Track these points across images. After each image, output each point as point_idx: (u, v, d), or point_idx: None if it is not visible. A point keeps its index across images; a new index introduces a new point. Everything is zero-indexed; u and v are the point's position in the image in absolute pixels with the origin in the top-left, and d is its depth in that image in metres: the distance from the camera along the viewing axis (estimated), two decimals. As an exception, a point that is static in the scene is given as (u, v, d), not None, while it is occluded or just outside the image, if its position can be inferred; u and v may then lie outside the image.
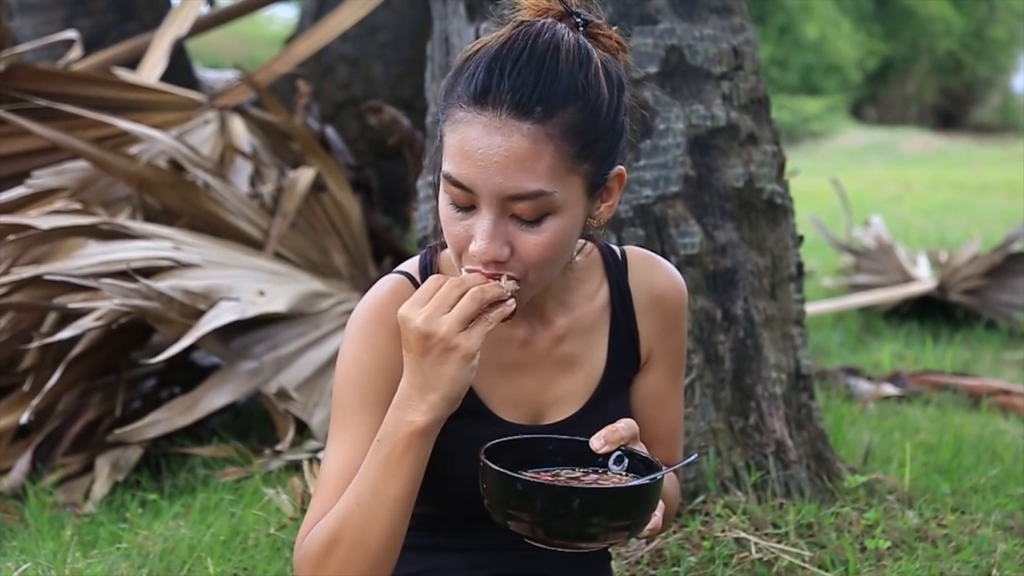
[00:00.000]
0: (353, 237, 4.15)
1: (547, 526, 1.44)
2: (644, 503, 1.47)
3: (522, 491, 1.44)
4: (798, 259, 3.02)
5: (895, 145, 21.60)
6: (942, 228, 9.98)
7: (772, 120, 3.02)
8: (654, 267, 1.79)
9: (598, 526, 1.44)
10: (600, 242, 1.79)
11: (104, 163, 3.69)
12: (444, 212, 1.57)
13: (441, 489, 1.68)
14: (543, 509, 1.43)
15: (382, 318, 1.63)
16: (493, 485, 1.47)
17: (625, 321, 1.76)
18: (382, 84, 5.76)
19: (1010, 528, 2.86)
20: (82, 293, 3.30)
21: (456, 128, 1.53)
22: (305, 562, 1.60)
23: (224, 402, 3.48)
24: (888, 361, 5.22)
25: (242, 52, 14.57)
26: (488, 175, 1.50)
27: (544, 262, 1.56)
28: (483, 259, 1.52)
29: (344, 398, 1.63)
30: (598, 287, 1.76)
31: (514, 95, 1.49)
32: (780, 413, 2.86)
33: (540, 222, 1.53)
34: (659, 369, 1.79)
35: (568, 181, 1.54)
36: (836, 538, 2.67)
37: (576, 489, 1.45)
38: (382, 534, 1.55)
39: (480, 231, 1.52)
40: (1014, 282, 6.13)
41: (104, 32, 4.85)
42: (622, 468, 1.54)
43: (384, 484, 1.53)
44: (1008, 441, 3.78)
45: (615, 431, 1.54)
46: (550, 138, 1.50)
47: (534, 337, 1.70)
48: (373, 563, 1.57)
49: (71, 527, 3.01)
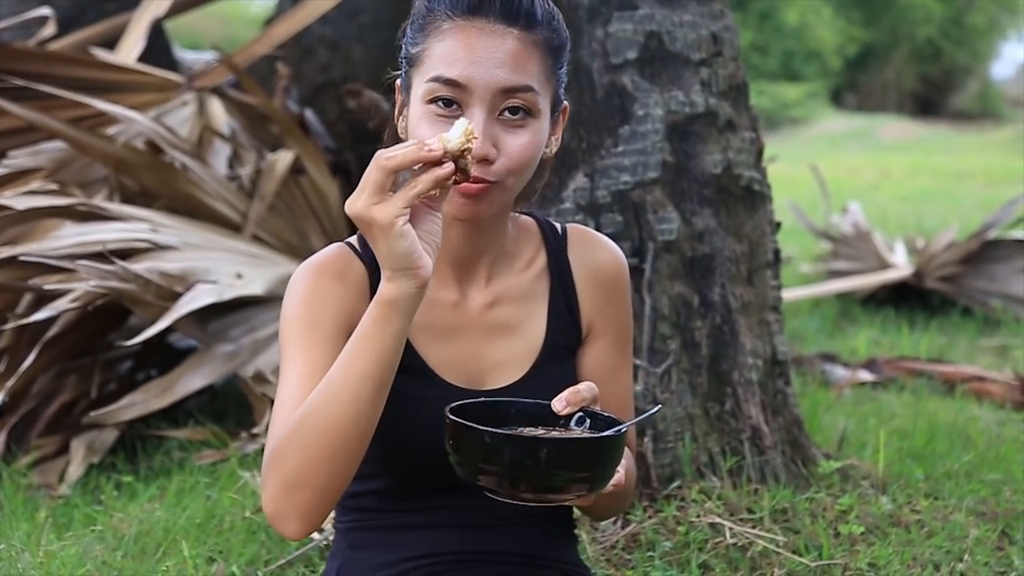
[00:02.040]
0: (332, 220, 4.14)
1: (514, 477, 1.45)
2: (609, 454, 1.49)
3: (489, 443, 1.45)
4: (775, 246, 3.03)
5: (874, 132, 21.69)
6: (920, 215, 10.04)
7: (751, 107, 3.03)
8: (594, 241, 1.82)
9: (564, 477, 1.45)
10: (539, 215, 1.83)
11: (81, 144, 3.67)
12: (423, 121, 1.60)
13: (397, 455, 1.69)
14: (511, 460, 1.44)
15: (326, 269, 1.68)
16: (460, 440, 1.48)
17: (564, 292, 1.78)
18: (362, 67, 5.72)
19: (982, 514, 2.88)
20: (58, 274, 3.29)
21: (445, 36, 1.61)
22: (272, 460, 1.56)
23: (201, 385, 3.48)
24: (864, 347, 5.25)
25: (221, 33, 14.50)
26: (486, 68, 1.58)
27: (524, 164, 1.62)
28: (475, 155, 1.55)
29: (291, 333, 1.65)
30: (534, 257, 1.78)
31: (504, 5, 1.61)
32: (756, 399, 2.87)
33: (523, 123, 1.61)
34: (603, 341, 1.81)
35: (546, 89, 1.64)
36: (810, 523, 2.68)
37: (543, 439, 1.47)
38: (346, 412, 1.52)
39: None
40: (990, 269, 6.17)
41: (81, 12, 4.80)
42: (584, 429, 1.56)
43: (353, 360, 1.52)
44: (982, 427, 3.81)
45: (577, 392, 1.56)
46: (535, 45, 1.63)
47: (465, 301, 1.73)
48: (335, 448, 1.53)
49: (45, 509, 3.00)
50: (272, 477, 1.56)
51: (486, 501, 1.61)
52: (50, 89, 3.81)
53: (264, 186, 3.95)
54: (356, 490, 1.74)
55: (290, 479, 1.54)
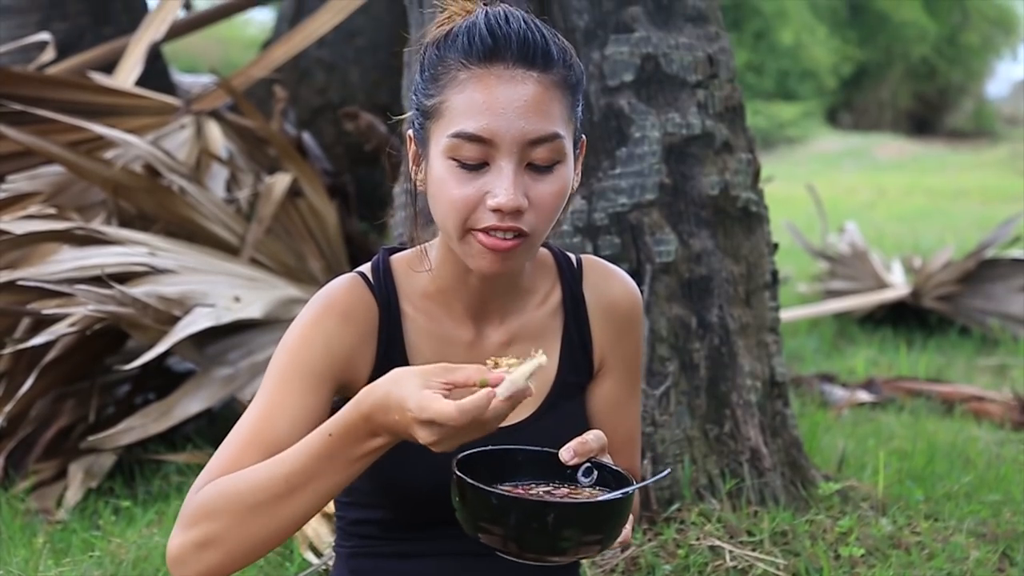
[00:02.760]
0: (329, 243, 4.15)
1: (520, 540, 1.44)
2: (616, 517, 1.47)
3: (496, 505, 1.43)
4: (773, 267, 3.04)
5: (870, 151, 21.73)
6: (916, 234, 10.04)
7: (747, 128, 3.03)
8: (609, 275, 1.80)
9: (571, 540, 1.44)
10: (555, 247, 1.81)
11: (79, 168, 3.67)
12: (449, 178, 1.56)
13: (402, 494, 1.68)
14: (517, 523, 1.43)
15: (333, 307, 1.65)
16: (467, 498, 1.46)
17: (577, 328, 1.76)
18: (359, 89, 5.75)
19: (983, 535, 2.88)
20: (56, 299, 3.28)
21: (464, 87, 1.55)
22: (199, 505, 1.54)
23: (199, 408, 3.47)
24: (862, 367, 5.25)
25: (219, 55, 14.53)
26: (511, 120, 1.53)
27: (554, 211, 1.59)
28: (508, 208, 1.53)
29: (281, 363, 1.63)
30: (549, 292, 1.77)
31: (520, 47, 1.55)
32: (755, 420, 2.87)
33: (552, 169, 1.58)
34: (614, 377, 1.80)
35: (569, 129, 1.60)
36: (810, 546, 2.68)
37: (550, 503, 1.45)
38: (296, 514, 1.52)
39: (503, 181, 1.54)
40: (987, 288, 6.17)
41: (80, 36, 4.82)
42: (591, 480, 1.54)
43: (324, 474, 1.51)
44: (981, 448, 3.80)
45: (584, 443, 1.54)
46: (556, 85, 1.57)
47: (480, 340, 1.71)
48: (269, 537, 1.54)
49: (43, 534, 2.99)
50: (192, 528, 1.54)
51: None
52: (48, 113, 3.82)
53: (262, 209, 3.95)
54: (358, 517, 1.74)
55: (209, 539, 1.53)
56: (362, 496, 1.73)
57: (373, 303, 1.67)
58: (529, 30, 1.57)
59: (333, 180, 4.59)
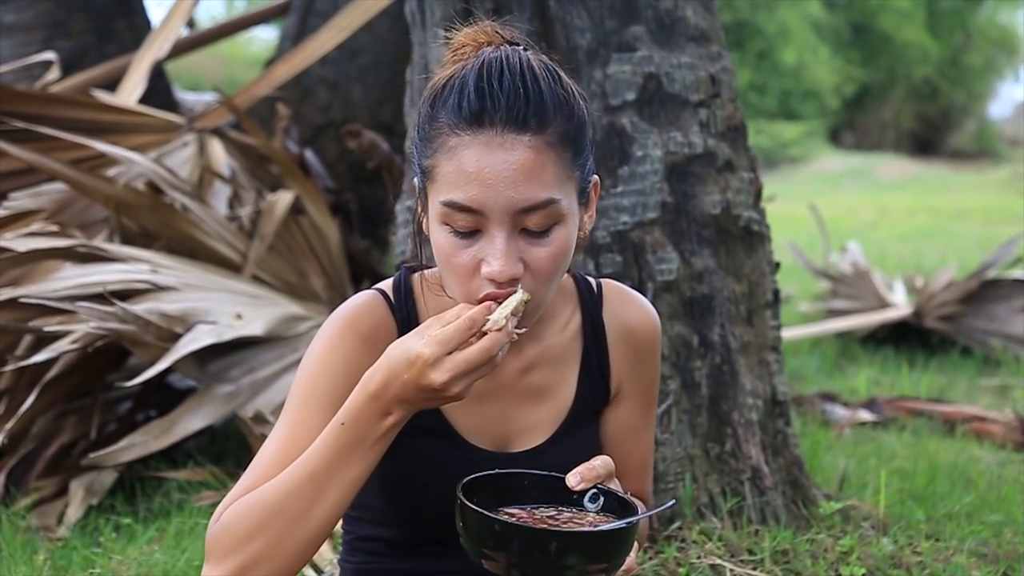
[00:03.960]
0: (331, 260, 4.15)
1: (523, 567, 1.43)
2: (621, 546, 1.47)
3: (499, 532, 1.43)
4: (774, 286, 3.04)
5: (872, 171, 21.75)
6: (918, 254, 10.04)
7: (749, 147, 3.04)
8: (628, 301, 1.79)
9: (574, 569, 1.43)
10: (575, 271, 1.79)
11: (81, 185, 3.68)
12: (445, 243, 1.54)
13: (412, 512, 1.68)
14: (520, 550, 1.42)
15: (354, 327, 1.64)
16: (470, 523, 1.46)
17: (597, 354, 1.75)
18: (362, 107, 5.77)
19: (984, 555, 2.87)
20: (58, 316, 3.29)
21: (453, 154, 1.51)
22: (227, 532, 1.54)
23: (200, 425, 3.46)
24: (864, 387, 5.25)
25: (222, 73, 14.57)
26: (499, 191, 1.49)
27: (554, 273, 1.56)
28: (501, 279, 1.51)
29: (303, 390, 1.62)
30: (570, 318, 1.75)
31: (509, 111, 1.49)
32: (756, 439, 2.87)
33: (548, 232, 1.54)
34: (630, 403, 1.79)
35: (567, 188, 1.55)
36: (811, 565, 2.67)
37: (553, 532, 1.44)
38: (330, 512, 1.52)
39: (495, 251, 1.51)
40: (989, 309, 6.17)
41: (83, 54, 4.84)
42: (597, 507, 1.54)
43: (346, 465, 1.51)
44: (982, 468, 3.79)
45: (592, 469, 1.53)
46: (550, 147, 1.52)
47: (501, 366, 1.66)
48: (310, 542, 1.54)
49: (44, 551, 2.99)
50: (226, 559, 1.53)
51: None
52: (51, 131, 3.82)
53: (264, 226, 3.96)
54: (366, 534, 1.73)
55: (249, 563, 1.52)
56: (372, 513, 1.72)
57: (393, 325, 1.66)
58: (523, 86, 1.51)
59: (335, 197, 4.59)
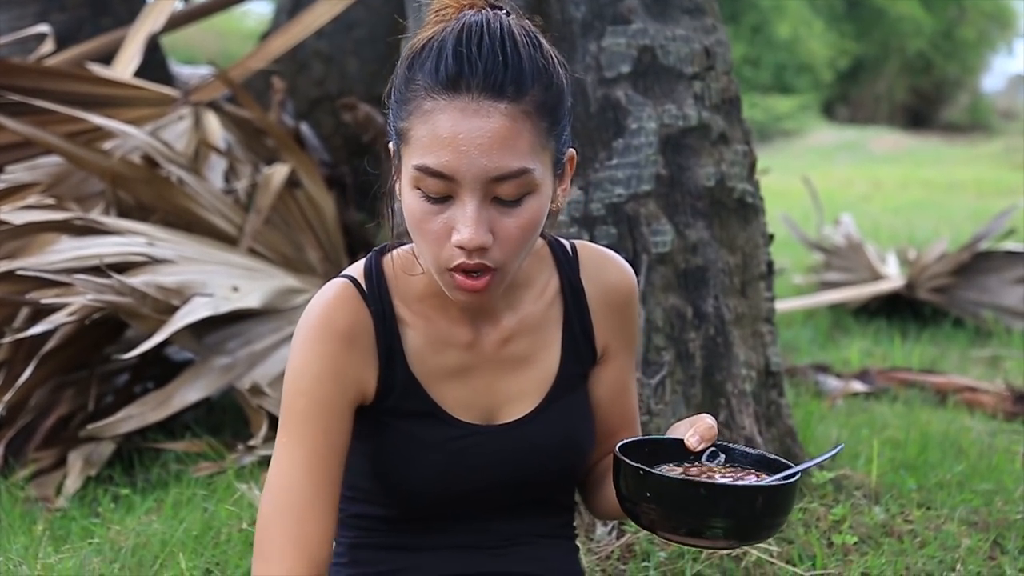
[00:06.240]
0: (327, 233, 4.16)
1: (735, 528, 1.44)
2: (794, 495, 1.49)
3: (706, 496, 1.42)
4: (768, 258, 3.06)
5: (865, 144, 21.75)
6: (911, 226, 10.06)
7: (743, 120, 3.05)
8: (605, 260, 1.77)
9: (769, 522, 1.45)
10: (550, 236, 1.77)
11: (78, 158, 3.68)
12: (416, 208, 1.52)
13: (403, 491, 1.67)
14: (727, 512, 1.42)
15: (331, 328, 1.61)
16: (673, 497, 1.45)
17: (579, 316, 1.73)
18: (357, 80, 5.76)
19: (974, 523, 2.90)
20: (55, 288, 3.30)
21: (427, 118, 1.48)
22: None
23: (197, 397, 3.48)
24: (857, 358, 5.27)
25: (217, 47, 14.52)
26: (472, 158, 1.46)
27: (523, 245, 1.54)
28: (470, 246, 1.49)
29: (296, 407, 1.59)
30: (547, 283, 1.73)
31: (487, 77, 1.47)
32: (750, 410, 2.89)
33: (520, 202, 1.51)
34: (618, 361, 1.78)
35: (542, 158, 1.52)
36: (804, 533, 2.70)
37: (759, 487, 1.44)
38: None
39: (465, 218, 1.49)
40: (981, 280, 6.20)
41: (78, 27, 4.82)
42: (719, 462, 1.55)
43: None
44: (973, 438, 3.82)
45: (711, 428, 1.53)
46: (526, 115, 1.49)
47: (479, 339, 1.67)
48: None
49: (43, 522, 3.01)
50: None
51: (490, 524, 1.61)
52: (47, 104, 3.82)
53: (260, 200, 3.96)
54: (358, 511, 1.73)
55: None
56: (363, 493, 1.72)
57: (368, 316, 1.63)
58: (502, 53, 1.48)
59: (331, 171, 4.59)
